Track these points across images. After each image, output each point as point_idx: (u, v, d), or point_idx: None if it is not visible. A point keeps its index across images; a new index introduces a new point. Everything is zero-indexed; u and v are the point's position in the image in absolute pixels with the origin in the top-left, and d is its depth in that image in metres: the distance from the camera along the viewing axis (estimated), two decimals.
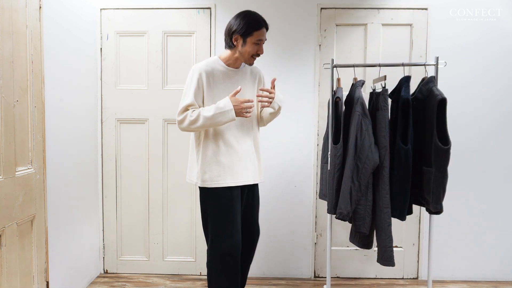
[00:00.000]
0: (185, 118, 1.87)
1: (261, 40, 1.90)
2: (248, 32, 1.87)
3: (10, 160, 1.73)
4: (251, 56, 1.93)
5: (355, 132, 2.04)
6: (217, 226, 1.92)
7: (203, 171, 1.93)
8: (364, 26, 2.76)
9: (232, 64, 1.97)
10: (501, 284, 2.78)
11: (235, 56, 1.95)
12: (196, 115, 1.85)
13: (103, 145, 2.85)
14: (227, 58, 1.97)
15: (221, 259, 1.93)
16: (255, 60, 1.97)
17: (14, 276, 1.76)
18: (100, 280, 2.78)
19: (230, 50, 1.95)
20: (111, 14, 2.79)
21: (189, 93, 1.90)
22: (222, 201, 1.92)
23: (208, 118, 1.83)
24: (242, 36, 1.88)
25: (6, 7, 1.70)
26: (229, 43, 1.94)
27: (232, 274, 1.95)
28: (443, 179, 1.98)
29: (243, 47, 1.90)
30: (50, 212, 2.11)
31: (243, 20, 1.87)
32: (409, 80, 2.09)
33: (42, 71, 2.01)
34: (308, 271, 2.86)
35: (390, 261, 2.04)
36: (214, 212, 1.93)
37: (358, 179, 2.04)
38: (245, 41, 1.88)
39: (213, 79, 1.92)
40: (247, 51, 1.90)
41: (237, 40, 1.90)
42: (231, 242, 1.91)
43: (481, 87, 2.75)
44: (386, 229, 2.03)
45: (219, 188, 1.92)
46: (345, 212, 2.05)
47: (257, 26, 1.87)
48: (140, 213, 2.88)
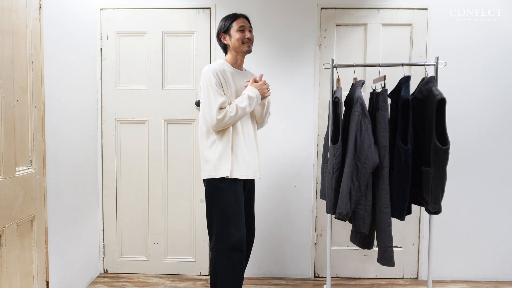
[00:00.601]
0: (226, 115, 1.94)
1: (243, 26, 2.03)
2: (227, 26, 2.05)
3: (10, 160, 1.73)
4: (242, 43, 2.03)
5: (354, 132, 2.04)
6: (223, 220, 1.96)
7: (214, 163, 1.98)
8: (364, 26, 2.76)
9: (235, 65, 2.10)
10: (501, 284, 2.78)
11: (234, 55, 2.08)
12: (234, 109, 1.95)
13: (103, 145, 2.85)
14: (229, 60, 2.09)
15: (228, 253, 1.95)
16: (250, 46, 2.06)
17: (14, 276, 1.76)
18: (100, 280, 2.78)
19: (228, 52, 2.10)
20: (111, 14, 2.79)
21: (217, 92, 1.96)
22: (228, 195, 1.97)
23: (243, 108, 1.97)
24: (225, 31, 2.06)
25: (6, 7, 1.70)
26: (221, 45, 2.11)
27: (238, 270, 1.98)
28: (442, 179, 1.98)
29: (231, 40, 2.04)
30: (50, 212, 2.12)
31: (221, 22, 2.09)
32: (409, 80, 2.09)
33: (42, 71, 2.01)
34: (308, 271, 2.86)
35: (390, 261, 2.04)
36: (220, 206, 1.97)
37: (357, 179, 2.04)
38: (230, 35, 2.04)
39: (225, 79, 2.02)
40: (235, 39, 2.03)
41: (225, 38, 2.07)
42: (238, 236, 1.95)
43: (481, 87, 2.75)
44: (386, 229, 2.03)
45: (226, 181, 1.97)
46: (344, 212, 2.05)
47: (233, 17, 2.05)
48: (140, 213, 2.88)
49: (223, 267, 1.96)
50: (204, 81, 1.98)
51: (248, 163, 2.02)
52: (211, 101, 1.94)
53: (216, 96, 1.94)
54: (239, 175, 1.98)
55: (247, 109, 1.98)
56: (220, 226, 1.97)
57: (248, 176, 2.03)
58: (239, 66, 2.11)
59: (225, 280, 1.96)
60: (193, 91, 2.80)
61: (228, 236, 1.94)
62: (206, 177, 2.02)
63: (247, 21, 2.07)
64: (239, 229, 1.96)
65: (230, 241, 1.94)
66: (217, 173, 1.96)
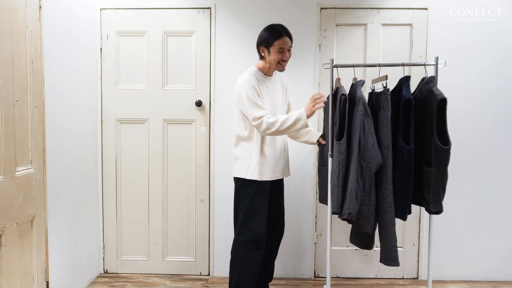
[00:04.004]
0: (274, 124, 2.04)
1: (283, 48, 2.10)
2: (270, 43, 2.10)
3: (10, 160, 1.73)
4: (278, 63, 2.14)
5: (358, 131, 2.03)
6: (246, 215, 2.14)
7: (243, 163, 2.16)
8: (364, 26, 2.76)
9: (267, 72, 2.21)
10: (501, 284, 2.78)
11: (267, 66, 2.18)
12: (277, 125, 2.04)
13: (103, 145, 2.85)
14: (262, 68, 2.20)
15: (248, 245, 2.13)
16: (283, 66, 2.16)
17: (14, 276, 1.76)
18: (100, 280, 2.78)
19: (262, 60, 2.20)
20: (111, 14, 2.79)
21: (258, 103, 2.08)
22: (255, 192, 2.14)
23: (287, 127, 2.05)
24: (266, 47, 2.13)
25: (6, 7, 1.70)
26: (259, 54, 2.21)
27: (255, 261, 2.15)
28: (443, 179, 1.98)
29: (269, 56, 2.13)
30: (50, 212, 2.11)
31: (265, 33, 2.13)
32: (409, 80, 2.09)
33: (42, 71, 2.01)
34: (308, 271, 2.86)
35: (395, 261, 2.03)
36: (246, 202, 2.14)
37: (362, 178, 2.04)
38: (269, 51, 2.12)
39: (259, 87, 2.14)
40: (272, 59, 2.13)
41: (263, 51, 2.15)
42: (258, 231, 2.13)
43: (481, 87, 2.75)
44: (391, 229, 2.03)
45: (258, 181, 2.14)
46: (354, 212, 2.03)
47: (277, 36, 2.10)
48: (140, 213, 2.87)
49: (242, 256, 2.15)
50: (241, 94, 2.10)
51: (277, 164, 2.19)
52: (250, 110, 2.07)
53: (257, 105, 2.07)
54: (267, 177, 2.15)
55: (292, 128, 2.05)
56: (243, 220, 2.15)
57: (276, 177, 2.20)
58: (270, 73, 2.23)
59: (242, 267, 2.14)
60: (193, 91, 2.80)
61: (248, 229, 2.13)
62: (236, 176, 2.19)
63: (290, 39, 2.14)
64: (260, 225, 2.13)
65: (249, 234, 2.13)
66: (247, 174, 2.14)
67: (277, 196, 2.32)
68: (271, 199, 2.27)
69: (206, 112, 2.81)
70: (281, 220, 2.37)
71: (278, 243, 2.40)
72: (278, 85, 2.28)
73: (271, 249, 2.35)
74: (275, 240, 2.37)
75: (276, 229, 2.34)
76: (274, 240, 2.36)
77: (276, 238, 2.37)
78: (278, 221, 2.35)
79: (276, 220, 2.34)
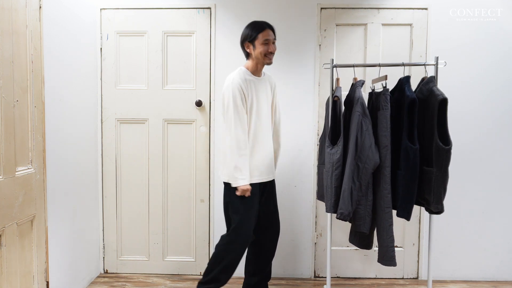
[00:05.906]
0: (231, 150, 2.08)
1: (267, 39, 2.12)
2: (254, 36, 2.12)
3: (10, 160, 1.73)
4: (265, 56, 2.14)
5: (355, 132, 2.03)
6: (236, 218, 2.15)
7: None
8: (364, 26, 2.76)
9: (255, 72, 2.20)
10: (501, 284, 2.78)
11: (255, 63, 2.18)
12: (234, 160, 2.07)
13: (103, 145, 2.85)
14: (250, 67, 2.20)
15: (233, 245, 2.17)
16: (271, 58, 2.16)
17: (14, 276, 1.76)
18: (100, 280, 2.78)
19: (249, 59, 2.20)
20: (111, 14, 2.79)
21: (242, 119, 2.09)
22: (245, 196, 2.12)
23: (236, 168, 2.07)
24: (250, 41, 2.14)
25: (6, 7, 1.70)
26: (244, 52, 2.21)
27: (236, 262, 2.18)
28: (444, 179, 1.98)
29: (254, 50, 2.13)
30: (50, 212, 2.11)
31: (247, 29, 2.16)
32: (409, 79, 2.09)
33: (42, 71, 2.01)
34: (308, 271, 2.86)
35: (392, 261, 2.04)
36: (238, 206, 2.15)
37: (358, 179, 2.04)
38: (254, 45, 2.13)
39: (247, 89, 2.13)
40: (258, 52, 2.12)
41: (248, 47, 2.16)
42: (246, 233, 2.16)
43: (481, 87, 2.75)
44: (388, 229, 2.03)
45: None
46: (346, 213, 2.04)
47: (260, 28, 2.12)
48: (140, 213, 2.87)
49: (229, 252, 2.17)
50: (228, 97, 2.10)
51: (264, 166, 2.20)
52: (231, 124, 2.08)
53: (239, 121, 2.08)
54: (255, 180, 2.16)
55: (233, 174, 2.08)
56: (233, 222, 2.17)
57: (263, 179, 2.21)
58: (258, 73, 2.22)
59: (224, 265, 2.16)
60: (193, 91, 2.80)
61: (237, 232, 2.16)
62: (225, 181, 2.19)
63: (273, 32, 2.16)
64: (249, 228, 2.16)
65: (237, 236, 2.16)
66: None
67: (269, 197, 2.32)
68: (263, 201, 2.28)
69: (206, 112, 2.81)
70: (275, 220, 2.37)
71: (275, 243, 2.38)
72: (267, 86, 2.27)
73: (267, 250, 2.35)
74: (271, 241, 2.36)
75: (271, 230, 2.35)
76: (270, 241, 2.36)
77: (272, 239, 2.36)
78: (273, 221, 2.35)
79: (270, 221, 2.34)
